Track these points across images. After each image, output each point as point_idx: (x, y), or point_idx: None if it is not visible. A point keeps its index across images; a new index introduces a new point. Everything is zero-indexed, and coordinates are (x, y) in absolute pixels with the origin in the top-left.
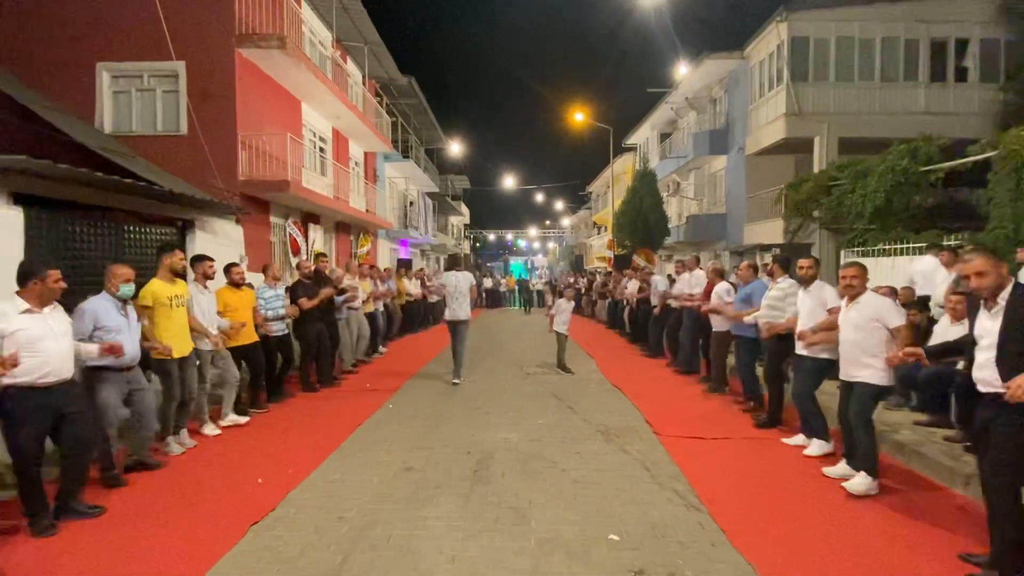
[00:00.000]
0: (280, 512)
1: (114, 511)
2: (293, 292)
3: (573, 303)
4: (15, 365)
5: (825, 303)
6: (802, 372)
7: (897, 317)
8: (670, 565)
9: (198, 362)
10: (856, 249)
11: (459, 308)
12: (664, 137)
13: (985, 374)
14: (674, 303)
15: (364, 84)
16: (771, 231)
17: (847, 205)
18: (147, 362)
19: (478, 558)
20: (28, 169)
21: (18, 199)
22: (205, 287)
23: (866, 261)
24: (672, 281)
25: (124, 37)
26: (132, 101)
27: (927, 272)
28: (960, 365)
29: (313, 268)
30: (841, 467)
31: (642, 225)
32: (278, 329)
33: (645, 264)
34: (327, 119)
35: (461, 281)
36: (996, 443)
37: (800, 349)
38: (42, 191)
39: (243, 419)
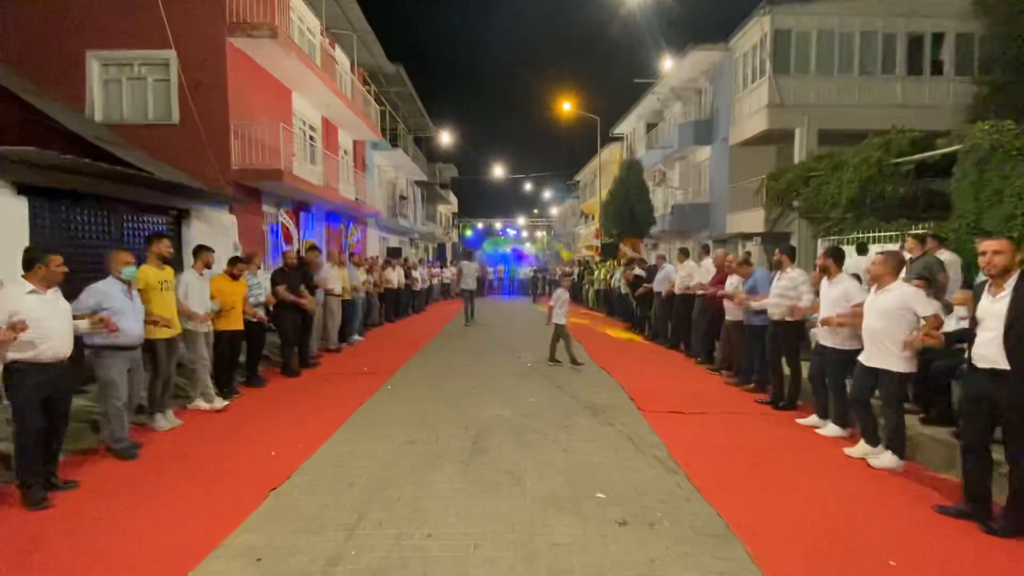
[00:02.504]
0: (296, 479)
1: (132, 479)
2: (274, 279)
3: (568, 293)
4: (23, 329)
5: (850, 297)
6: (831, 365)
7: (928, 306)
8: (650, 517)
9: (182, 346)
10: (832, 237)
11: (471, 282)
12: (651, 127)
13: (986, 351)
14: (678, 291)
15: (353, 72)
16: (752, 220)
17: (824, 195)
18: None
19: (481, 514)
20: (29, 159)
21: (20, 189)
22: (202, 275)
23: (843, 248)
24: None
25: (114, 25)
26: (123, 90)
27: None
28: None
29: (297, 258)
30: (861, 447)
31: (628, 214)
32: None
33: (632, 252)
34: (317, 108)
35: (471, 267)
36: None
37: (824, 339)
38: (44, 181)
39: (221, 403)
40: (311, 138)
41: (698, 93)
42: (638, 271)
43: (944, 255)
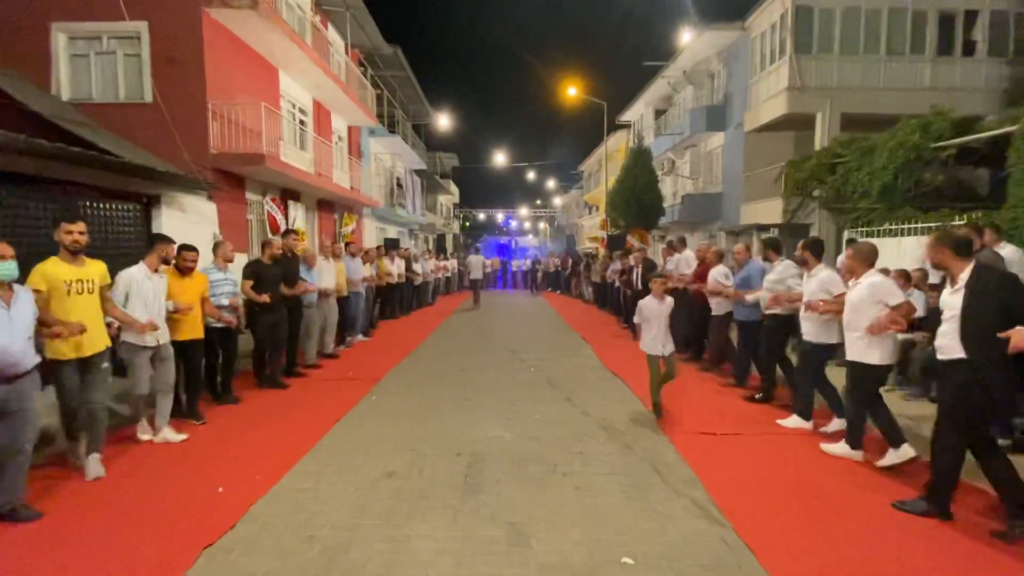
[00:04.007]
0: (241, 530)
1: (44, 530)
2: (244, 274)
3: (670, 302)
4: None
5: (829, 290)
6: (804, 355)
7: (899, 296)
8: None
9: (105, 365)
10: (860, 229)
11: (478, 273)
12: (659, 114)
13: (942, 342)
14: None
15: (346, 53)
16: (769, 211)
17: (852, 183)
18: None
19: None
20: None
21: None
22: (155, 272)
23: (872, 242)
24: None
25: None
26: (91, 65)
27: None
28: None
29: (279, 249)
30: (842, 446)
31: (636, 204)
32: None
33: (640, 244)
34: (307, 89)
35: (478, 261)
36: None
37: (805, 334)
38: None
39: (178, 436)
40: (301, 122)
41: (711, 77)
42: (631, 261)
43: (1005, 249)
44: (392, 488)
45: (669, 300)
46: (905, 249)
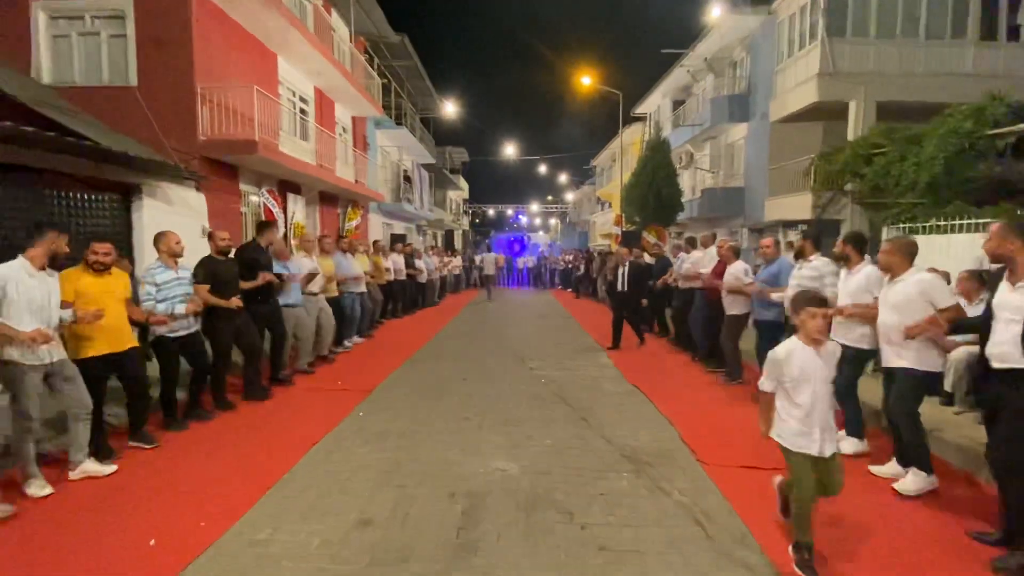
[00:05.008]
0: None
1: None
2: (195, 273)
3: (834, 352)
4: None
5: (873, 291)
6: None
7: (949, 297)
8: None
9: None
10: (903, 225)
11: (491, 269)
12: (677, 105)
13: (1002, 350)
14: (682, 284)
15: (351, 41)
16: (796, 206)
17: (893, 175)
18: None
19: None
20: None
21: None
22: (42, 269)
23: (917, 240)
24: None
25: None
26: (74, 47)
27: None
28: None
29: (226, 241)
30: (891, 466)
31: (654, 199)
32: (181, 327)
33: (656, 242)
34: (308, 77)
35: (490, 257)
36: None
37: (837, 335)
38: None
39: (107, 469)
40: (302, 111)
41: (732, 65)
42: (646, 258)
43: None
44: (366, 543)
45: (833, 347)
46: (956, 248)
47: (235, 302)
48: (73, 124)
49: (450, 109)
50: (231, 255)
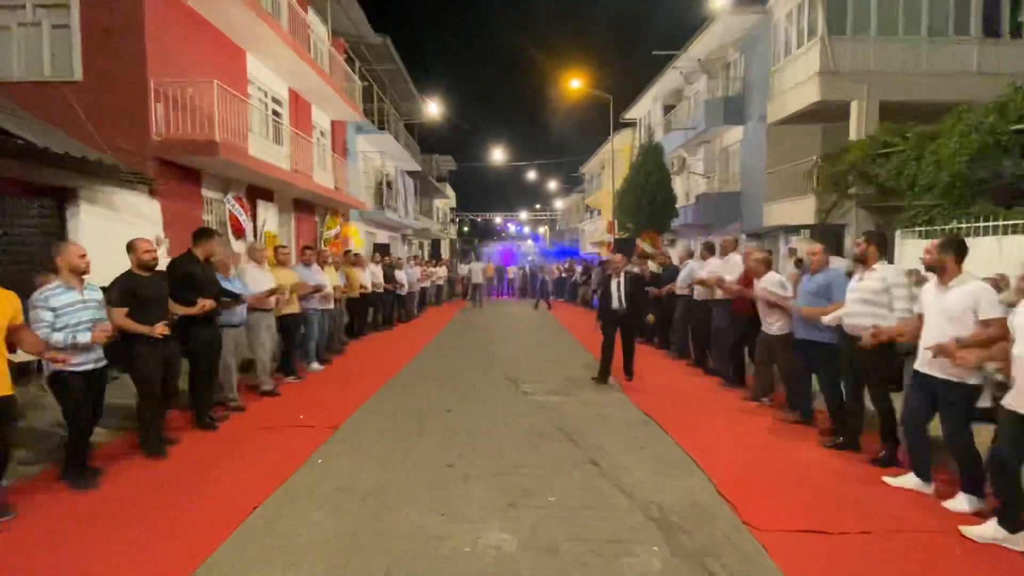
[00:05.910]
0: None
1: None
2: (109, 296)
3: None
4: None
5: (977, 310)
6: (946, 405)
7: (995, 308)
8: None
9: None
10: (919, 229)
11: (480, 278)
12: (668, 109)
13: None
14: (698, 294)
15: (329, 41)
16: (798, 210)
17: (908, 175)
18: None
19: None
20: None
21: None
22: None
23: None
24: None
25: None
26: (13, 38)
27: None
28: None
29: (151, 253)
30: (992, 526)
31: (647, 205)
32: (88, 360)
33: (652, 250)
34: (281, 76)
35: (479, 267)
36: None
37: (923, 366)
38: None
39: None
40: (275, 113)
41: (726, 67)
42: (652, 267)
43: None
44: None
45: None
46: (981, 253)
47: (160, 328)
48: (4, 122)
49: (434, 110)
50: (157, 269)
